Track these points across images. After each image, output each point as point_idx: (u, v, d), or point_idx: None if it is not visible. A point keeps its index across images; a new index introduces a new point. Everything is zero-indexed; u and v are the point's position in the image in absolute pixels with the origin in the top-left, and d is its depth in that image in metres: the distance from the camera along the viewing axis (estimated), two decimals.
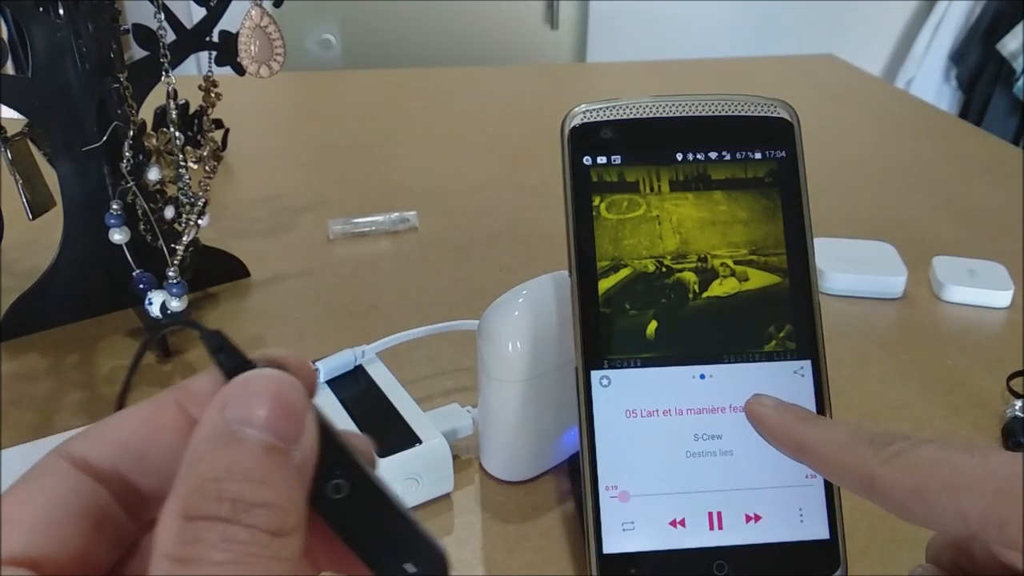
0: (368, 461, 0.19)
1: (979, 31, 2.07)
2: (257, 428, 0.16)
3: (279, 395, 0.17)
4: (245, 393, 0.17)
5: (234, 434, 0.16)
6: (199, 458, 0.16)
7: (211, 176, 0.53)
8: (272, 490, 0.16)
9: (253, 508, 0.15)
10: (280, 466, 0.16)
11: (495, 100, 1.04)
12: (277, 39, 0.50)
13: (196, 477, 0.16)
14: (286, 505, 0.16)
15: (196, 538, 0.15)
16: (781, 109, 0.36)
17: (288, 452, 0.16)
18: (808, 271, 0.35)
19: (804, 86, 1.10)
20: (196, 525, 0.15)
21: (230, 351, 0.18)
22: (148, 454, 0.18)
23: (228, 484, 0.16)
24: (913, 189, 0.78)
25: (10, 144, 0.51)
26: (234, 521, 0.15)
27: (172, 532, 0.15)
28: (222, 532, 0.15)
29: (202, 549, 0.15)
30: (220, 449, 0.16)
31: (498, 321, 0.39)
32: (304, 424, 0.17)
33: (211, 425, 0.16)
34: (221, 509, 0.15)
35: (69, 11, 0.47)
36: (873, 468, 0.22)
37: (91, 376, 0.50)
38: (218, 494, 0.15)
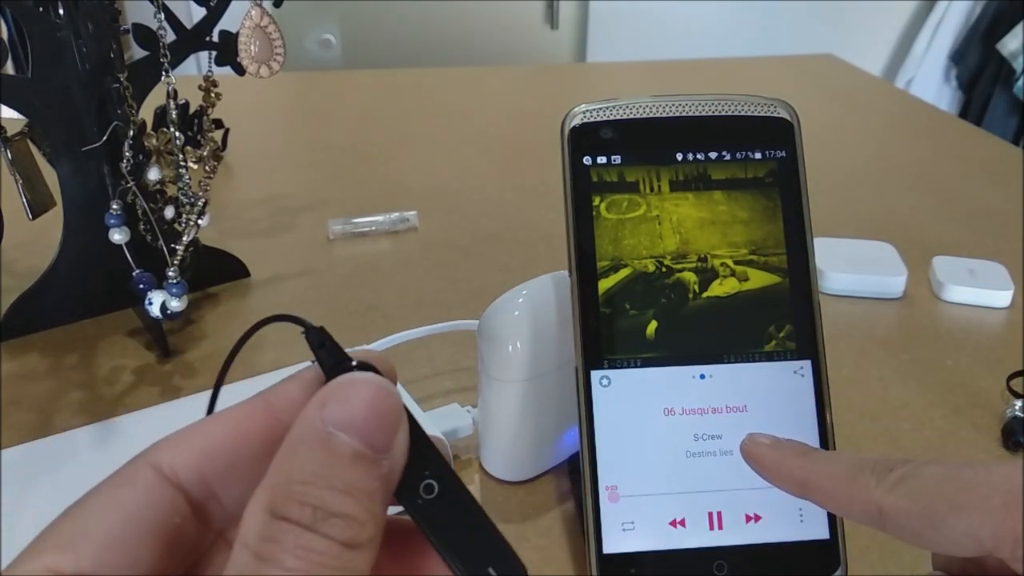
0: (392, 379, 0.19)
1: (979, 31, 2.07)
2: (350, 435, 0.17)
3: (376, 403, 0.17)
4: (344, 396, 0.17)
5: (329, 437, 0.17)
6: (292, 453, 0.17)
7: (211, 176, 0.53)
8: (354, 501, 0.16)
9: (332, 518, 0.16)
10: (366, 476, 0.17)
11: (495, 100, 1.04)
12: (277, 39, 0.50)
13: (286, 474, 0.16)
14: (364, 518, 0.16)
15: (275, 538, 0.16)
16: (781, 109, 0.36)
17: (377, 462, 0.17)
18: (808, 271, 0.35)
19: (804, 86, 1.10)
20: (278, 524, 0.16)
21: (332, 348, 0.19)
22: (236, 462, 0.19)
23: (313, 489, 0.16)
24: (913, 189, 0.78)
25: (10, 144, 0.51)
26: (312, 528, 0.16)
27: (256, 525, 0.16)
28: (298, 538, 0.15)
29: (278, 551, 0.15)
30: (313, 450, 0.16)
31: (498, 321, 0.39)
32: (396, 434, 0.17)
33: (309, 422, 0.17)
34: (303, 514, 0.16)
35: (69, 11, 0.47)
36: (879, 498, 0.22)
37: (91, 376, 0.50)
38: (303, 498, 0.16)
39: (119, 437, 0.44)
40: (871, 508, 0.22)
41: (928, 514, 0.21)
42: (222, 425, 0.19)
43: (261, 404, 0.19)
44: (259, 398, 0.19)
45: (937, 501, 0.21)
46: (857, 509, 0.22)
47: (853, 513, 0.23)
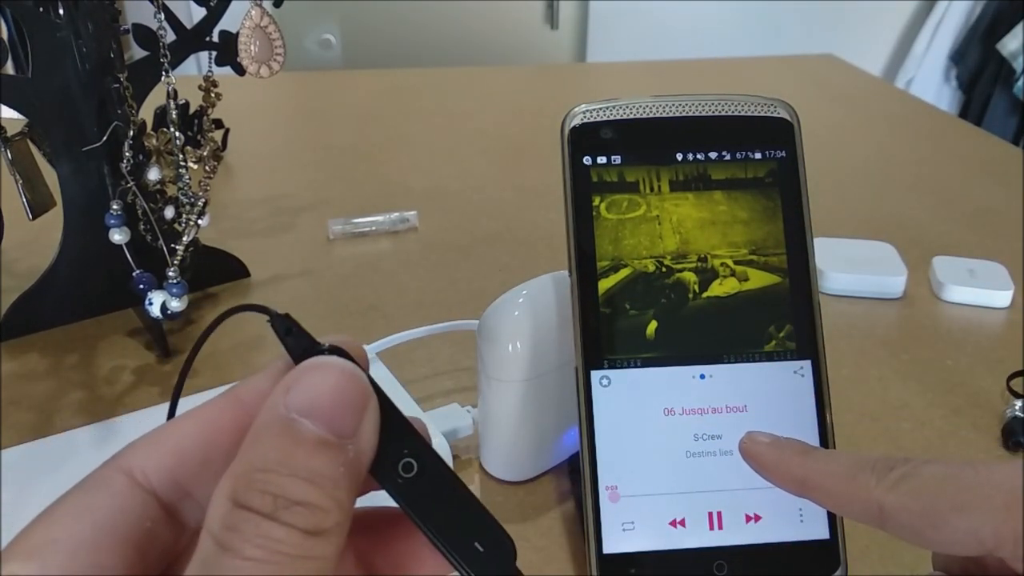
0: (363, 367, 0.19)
1: (979, 31, 2.07)
2: (314, 420, 0.16)
3: (340, 388, 0.17)
4: (308, 381, 0.17)
5: (291, 424, 0.16)
6: (256, 440, 0.17)
7: (211, 176, 0.53)
8: (316, 489, 0.16)
9: (293, 506, 0.16)
10: (330, 463, 0.16)
11: (495, 100, 1.04)
12: (277, 39, 0.50)
13: (249, 462, 0.16)
14: (327, 505, 0.16)
15: (236, 527, 0.15)
16: (781, 109, 0.36)
17: (342, 447, 0.17)
18: (808, 271, 0.35)
19: (804, 86, 1.10)
20: (239, 513, 0.16)
21: (299, 334, 0.19)
22: (209, 460, 0.18)
23: (275, 477, 0.16)
24: (913, 189, 0.78)
25: (10, 144, 0.51)
26: (272, 517, 0.16)
27: (219, 513, 0.16)
28: (258, 527, 0.15)
29: (238, 540, 0.15)
30: (276, 436, 0.16)
31: (498, 321, 0.39)
32: (363, 418, 0.17)
33: (272, 409, 0.17)
34: (263, 503, 0.16)
35: (69, 11, 0.47)
36: (879, 496, 0.21)
37: (91, 376, 0.50)
38: (264, 486, 0.16)
39: (119, 437, 0.44)
40: (871, 507, 0.22)
41: (929, 513, 0.20)
42: (193, 424, 0.19)
43: (231, 400, 0.19)
44: (229, 394, 0.19)
45: (938, 500, 0.20)
46: (857, 508, 0.22)
47: (853, 512, 0.23)
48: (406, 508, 0.18)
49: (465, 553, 0.18)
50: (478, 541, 0.18)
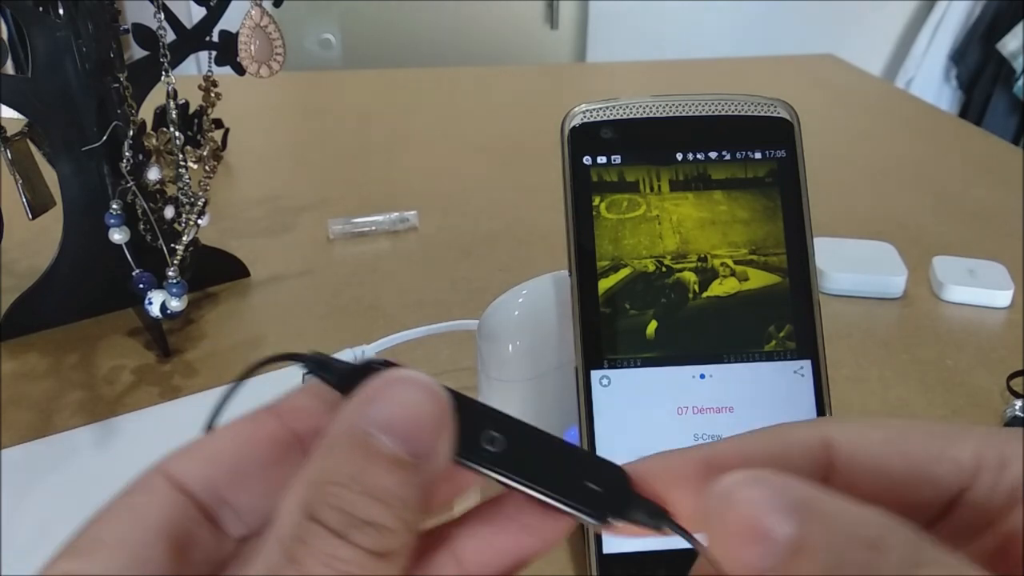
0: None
1: (979, 31, 2.07)
2: (391, 438, 0.16)
3: (421, 405, 0.17)
4: (389, 396, 0.17)
5: (368, 439, 0.16)
6: (330, 449, 0.16)
7: (211, 176, 0.53)
8: (387, 509, 0.16)
9: (363, 525, 0.16)
10: (403, 483, 0.16)
11: (495, 100, 1.04)
12: (277, 39, 0.50)
13: (322, 471, 0.16)
14: (396, 526, 0.16)
15: (305, 541, 0.15)
16: (781, 109, 0.36)
17: (416, 468, 0.16)
18: (808, 271, 0.35)
19: (804, 86, 1.10)
20: (309, 527, 0.16)
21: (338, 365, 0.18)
22: (246, 469, 0.19)
23: (347, 493, 0.16)
24: (913, 189, 0.78)
25: (10, 144, 0.51)
26: (342, 535, 0.15)
27: (290, 522, 0.16)
28: (327, 545, 0.15)
29: (306, 555, 0.15)
30: (351, 450, 0.16)
31: (498, 321, 0.39)
32: (440, 439, 0.17)
33: (349, 419, 0.17)
34: (334, 519, 0.16)
35: (69, 11, 0.47)
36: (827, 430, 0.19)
37: (91, 376, 0.50)
38: (336, 501, 0.16)
39: (119, 437, 0.44)
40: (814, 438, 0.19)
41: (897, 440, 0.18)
42: (230, 435, 0.19)
43: (269, 413, 0.19)
44: (267, 408, 0.19)
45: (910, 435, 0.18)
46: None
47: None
48: (508, 478, 0.18)
49: (583, 498, 0.18)
50: (589, 481, 0.18)
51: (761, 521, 0.15)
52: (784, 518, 0.15)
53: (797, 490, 0.15)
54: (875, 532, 0.15)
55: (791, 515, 0.15)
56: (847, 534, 0.15)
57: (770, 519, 0.15)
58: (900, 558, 0.14)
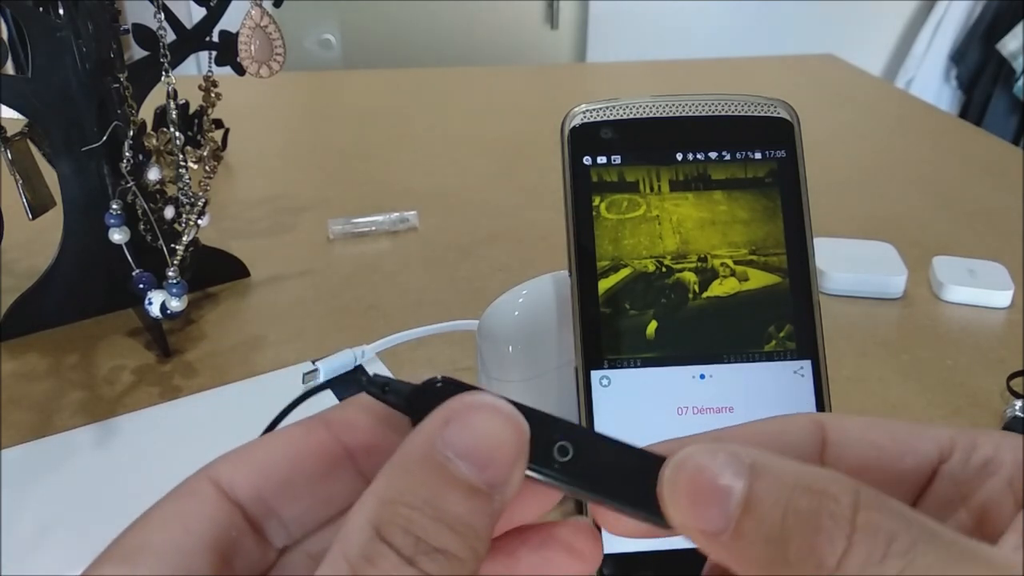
0: None
1: (979, 31, 2.07)
2: (468, 465, 0.16)
3: (500, 435, 0.16)
4: (468, 421, 0.16)
5: (446, 464, 0.16)
6: (406, 470, 0.16)
7: (211, 176, 0.53)
8: (458, 539, 0.16)
9: (433, 552, 0.15)
10: (477, 512, 0.16)
11: (495, 100, 1.04)
12: (277, 39, 0.50)
13: (397, 491, 0.16)
14: (466, 555, 0.16)
15: (373, 560, 0.15)
16: (781, 109, 0.36)
17: (490, 497, 0.16)
18: (808, 271, 0.35)
19: (804, 86, 1.10)
20: (379, 546, 0.15)
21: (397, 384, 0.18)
22: (294, 481, 0.18)
23: (421, 517, 0.16)
24: (913, 189, 0.78)
25: (10, 144, 0.51)
26: (412, 561, 0.15)
27: (359, 538, 0.16)
28: (396, 567, 0.15)
29: (370, 572, 0.15)
30: (428, 473, 0.16)
31: (498, 321, 0.39)
32: (515, 468, 0.17)
33: (426, 441, 0.16)
34: (405, 543, 0.15)
35: (69, 11, 0.47)
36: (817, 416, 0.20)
37: (91, 376, 0.50)
38: (408, 524, 0.16)
39: (119, 437, 0.44)
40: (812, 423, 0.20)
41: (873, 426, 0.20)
42: (281, 443, 0.19)
43: (320, 424, 0.19)
44: (318, 418, 0.19)
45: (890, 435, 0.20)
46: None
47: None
48: (576, 490, 0.17)
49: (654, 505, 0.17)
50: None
51: (714, 482, 0.16)
52: (735, 478, 0.16)
53: (746, 455, 0.16)
54: (820, 483, 0.15)
55: (741, 475, 0.16)
56: (792, 485, 0.15)
57: (722, 480, 0.16)
58: (851, 502, 0.15)
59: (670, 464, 0.17)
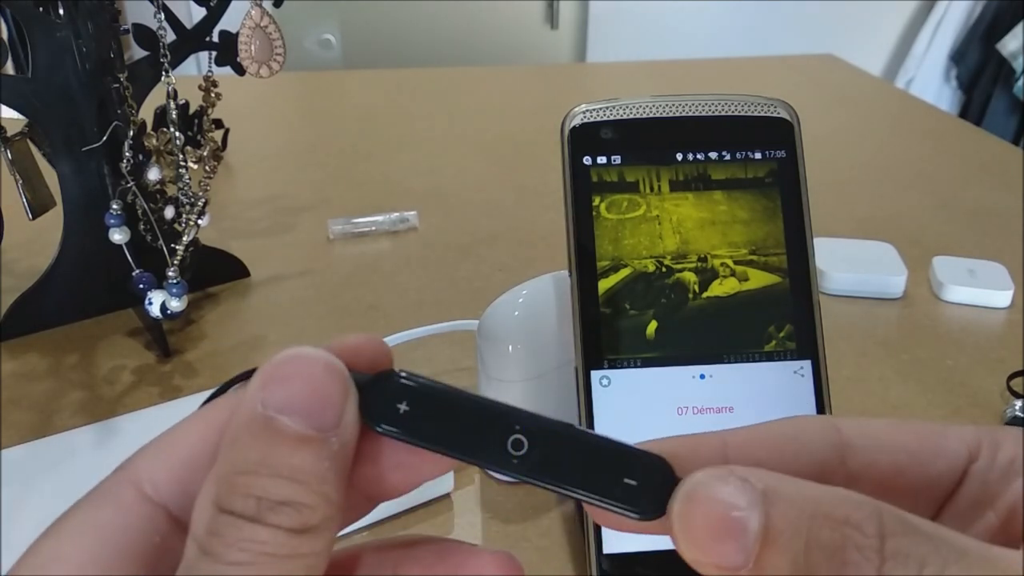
0: (384, 359, 0.18)
1: (979, 31, 2.07)
2: (293, 417, 0.16)
3: (317, 379, 0.16)
4: (284, 375, 0.16)
5: (270, 421, 0.16)
6: (235, 440, 0.16)
7: (211, 176, 0.53)
8: (301, 487, 0.16)
9: (278, 506, 0.15)
10: (314, 459, 0.16)
11: (495, 100, 1.04)
12: (277, 39, 0.50)
13: (230, 464, 0.16)
14: (314, 502, 0.16)
15: (219, 532, 0.15)
16: (781, 109, 0.36)
17: (324, 441, 0.16)
18: (808, 271, 0.35)
19: (804, 86, 1.10)
20: (222, 518, 0.15)
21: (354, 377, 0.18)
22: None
23: (257, 479, 0.15)
24: (913, 189, 0.78)
25: (10, 144, 0.51)
26: (257, 519, 0.15)
27: (204, 519, 0.16)
28: (241, 531, 0.15)
29: (221, 546, 0.15)
30: (255, 436, 0.16)
31: (498, 321, 0.39)
32: (344, 409, 0.16)
33: (249, 406, 0.16)
34: (246, 506, 0.15)
35: (69, 11, 0.47)
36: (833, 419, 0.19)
37: (91, 376, 0.50)
38: (247, 489, 0.15)
39: (119, 437, 0.44)
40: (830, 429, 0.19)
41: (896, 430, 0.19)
42: (200, 429, 0.18)
43: (236, 402, 0.18)
44: (233, 396, 0.19)
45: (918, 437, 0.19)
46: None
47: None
48: (540, 483, 0.17)
49: (621, 495, 0.17)
50: (627, 477, 0.17)
51: (728, 515, 0.15)
52: (749, 508, 0.15)
53: (757, 480, 0.15)
54: (841, 510, 0.15)
55: (755, 504, 0.15)
56: (811, 513, 0.15)
57: (737, 512, 0.15)
58: (876, 530, 0.14)
59: (679, 496, 0.16)
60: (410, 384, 0.17)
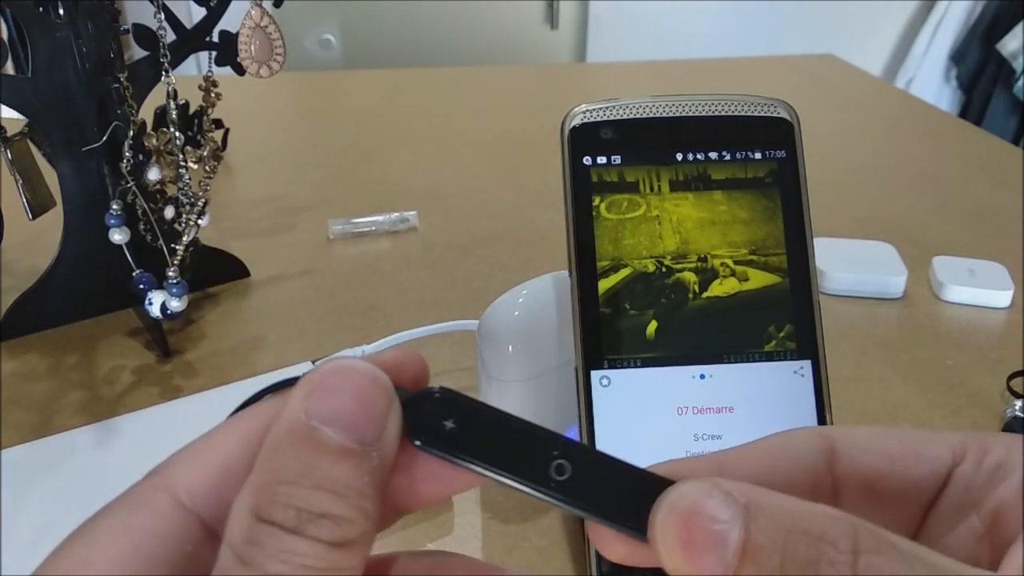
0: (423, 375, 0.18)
1: (979, 31, 2.07)
2: (336, 429, 0.16)
3: (362, 391, 0.16)
4: (328, 386, 0.16)
5: (312, 432, 0.16)
6: (275, 449, 0.16)
7: (211, 176, 0.53)
8: (341, 500, 0.16)
9: (318, 519, 0.15)
10: (354, 472, 0.16)
11: (495, 100, 1.04)
12: (277, 39, 0.50)
13: (270, 472, 0.16)
14: (353, 516, 0.16)
15: (258, 542, 0.15)
16: (781, 109, 0.36)
17: (366, 455, 0.16)
18: (808, 271, 0.35)
19: (804, 86, 1.10)
20: (262, 528, 0.15)
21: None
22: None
23: (298, 490, 0.15)
24: (913, 189, 0.78)
25: (10, 144, 0.51)
26: (297, 531, 0.15)
27: (241, 527, 0.15)
28: (281, 543, 0.15)
29: (260, 556, 0.15)
30: (297, 446, 0.16)
31: (498, 321, 0.39)
32: (386, 423, 0.16)
33: (292, 416, 0.16)
34: (287, 517, 0.15)
35: (69, 11, 0.47)
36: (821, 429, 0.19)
37: (91, 376, 0.50)
38: (287, 499, 0.15)
39: (119, 437, 0.44)
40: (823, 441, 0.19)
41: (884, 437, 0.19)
42: (236, 437, 0.18)
43: (273, 410, 0.18)
44: (270, 404, 0.18)
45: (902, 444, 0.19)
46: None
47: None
48: (576, 508, 0.17)
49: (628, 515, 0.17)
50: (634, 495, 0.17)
51: (710, 528, 0.15)
52: (730, 521, 0.15)
53: (741, 493, 0.16)
54: (818, 526, 0.15)
55: (737, 517, 0.15)
56: (789, 528, 0.15)
57: (717, 524, 0.15)
58: (850, 547, 0.15)
59: (663, 505, 0.16)
60: (459, 402, 0.18)
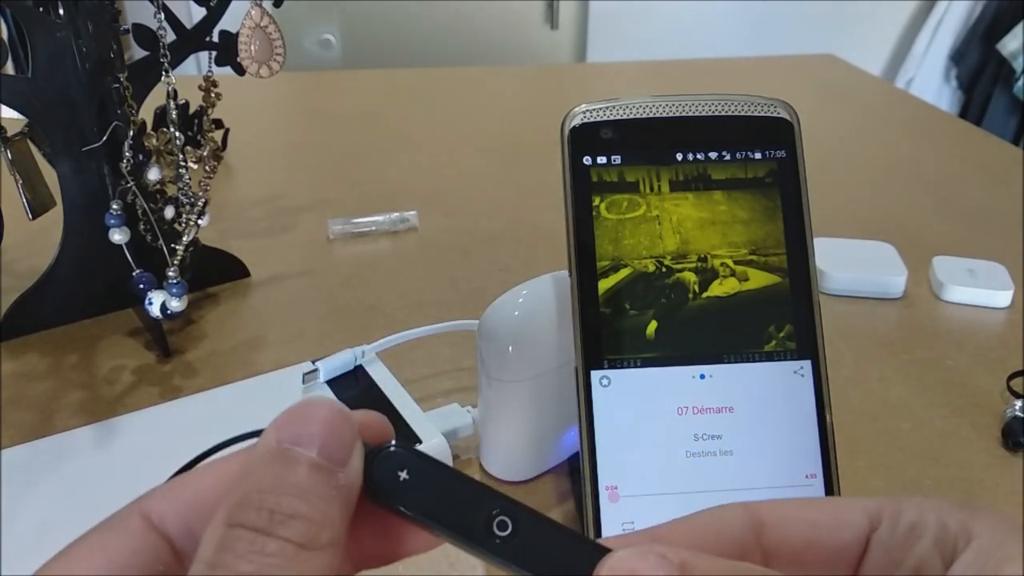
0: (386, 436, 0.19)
1: (979, 31, 2.07)
2: (307, 447, 0.17)
3: (330, 420, 0.18)
4: (300, 417, 0.18)
5: (285, 452, 0.17)
6: (249, 472, 0.17)
7: (211, 176, 0.53)
8: (310, 504, 0.16)
9: (288, 519, 0.16)
10: (324, 483, 0.17)
11: (495, 100, 1.04)
12: (277, 39, 0.50)
13: (243, 489, 0.17)
14: (322, 520, 0.16)
15: (228, 546, 0.16)
16: (781, 109, 0.36)
17: (333, 472, 0.17)
18: (808, 271, 0.35)
19: (804, 86, 1.10)
20: (232, 532, 0.16)
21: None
22: None
23: (270, 496, 0.16)
24: (913, 189, 0.78)
25: (10, 144, 0.51)
26: (267, 532, 0.16)
27: (213, 538, 0.16)
28: (251, 543, 0.16)
29: (229, 558, 0.16)
30: (269, 465, 0.17)
31: (498, 321, 0.39)
32: (352, 451, 0.18)
33: (264, 445, 0.17)
34: (258, 519, 0.16)
35: (69, 11, 0.47)
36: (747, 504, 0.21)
37: (91, 376, 0.50)
38: (259, 503, 0.16)
39: (119, 437, 0.44)
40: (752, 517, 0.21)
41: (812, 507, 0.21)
42: (212, 477, 0.19)
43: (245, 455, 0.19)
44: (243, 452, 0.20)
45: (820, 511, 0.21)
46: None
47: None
48: (514, 565, 0.18)
49: None
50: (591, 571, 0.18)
51: None
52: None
53: (675, 555, 0.17)
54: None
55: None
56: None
57: None
58: None
59: (603, 567, 0.17)
60: (411, 457, 0.18)
